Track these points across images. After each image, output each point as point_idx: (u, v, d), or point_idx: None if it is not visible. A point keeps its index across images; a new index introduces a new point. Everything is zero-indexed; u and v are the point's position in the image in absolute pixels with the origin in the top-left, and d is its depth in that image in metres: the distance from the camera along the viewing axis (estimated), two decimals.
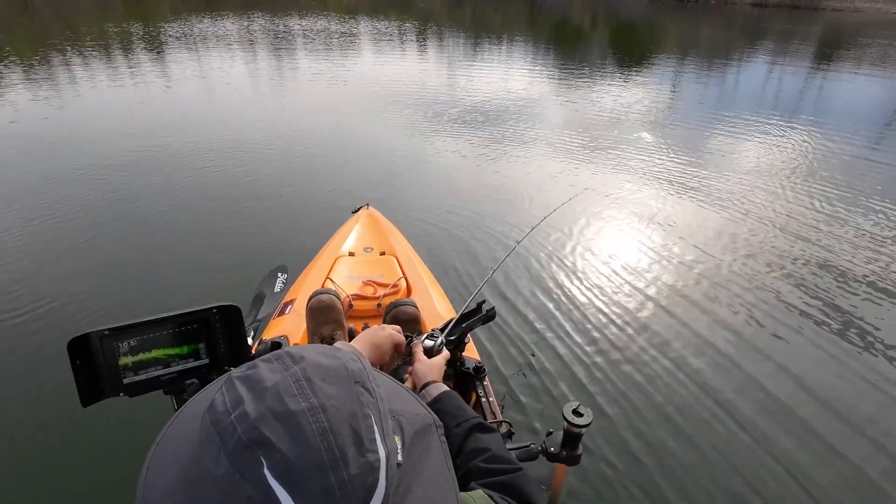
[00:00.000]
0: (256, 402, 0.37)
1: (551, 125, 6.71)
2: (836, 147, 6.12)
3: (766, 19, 27.74)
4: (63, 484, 1.87)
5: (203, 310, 0.84)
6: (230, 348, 0.86)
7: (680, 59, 13.24)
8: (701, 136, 6.48)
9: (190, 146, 5.23)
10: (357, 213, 2.66)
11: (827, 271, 3.45)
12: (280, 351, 0.43)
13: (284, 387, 0.38)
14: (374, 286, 1.91)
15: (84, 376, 0.77)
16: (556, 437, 1.13)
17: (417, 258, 2.30)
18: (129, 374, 0.80)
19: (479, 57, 12.73)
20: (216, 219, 3.80)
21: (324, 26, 16.40)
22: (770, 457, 2.09)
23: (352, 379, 0.41)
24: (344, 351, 0.44)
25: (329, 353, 0.43)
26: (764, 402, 2.37)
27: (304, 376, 0.39)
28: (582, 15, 28.86)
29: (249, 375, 0.40)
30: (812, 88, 10.37)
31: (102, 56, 9.85)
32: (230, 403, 0.37)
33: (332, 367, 0.41)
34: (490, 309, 1.32)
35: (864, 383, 2.49)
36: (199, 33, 13.50)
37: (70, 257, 3.21)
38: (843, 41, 19.06)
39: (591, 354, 2.62)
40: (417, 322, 1.51)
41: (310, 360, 0.41)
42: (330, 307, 1.44)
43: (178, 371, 0.83)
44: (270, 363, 0.41)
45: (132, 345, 0.79)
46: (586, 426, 1.05)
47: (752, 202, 4.48)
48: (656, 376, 2.50)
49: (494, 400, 1.53)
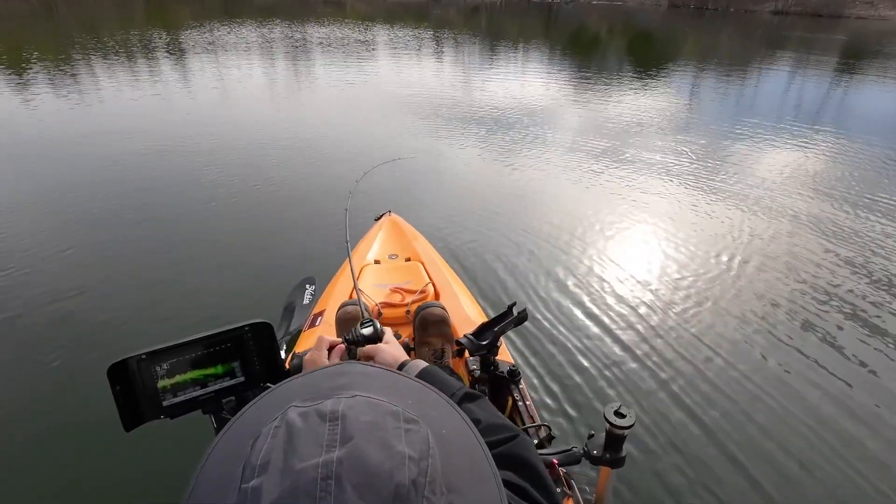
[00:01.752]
0: (276, 482, 0.32)
1: (572, 131, 6.66)
2: (863, 156, 5.99)
3: (787, 27, 27.42)
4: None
5: (235, 328, 0.82)
6: (265, 365, 0.86)
7: (699, 68, 13.09)
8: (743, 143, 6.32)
9: (212, 160, 5.12)
10: (380, 220, 2.65)
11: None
12: (330, 403, 0.37)
13: (307, 481, 0.32)
14: (402, 293, 1.89)
15: (124, 401, 0.77)
16: (597, 440, 1.10)
17: (443, 262, 2.28)
18: (167, 396, 0.80)
19: (497, 64, 12.74)
20: (242, 231, 3.72)
21: (344, 34, 16.58)
22: (824, 463, 1.99)
23: (390, 499, 0.32)
24: (408, 442, 0.35)
25: (386, 441, 0.35)
26: (816, 408, 2.26)
27: (336, 474, 0.32)
28: (599, 24, 28.84)
29: (293, 431, 0.35)
30: (835, 97, 10.16)
31: (125, 63, 10.02)
32: (261, 459, 0.34)
33: (375, 471, 0.33)
34: (522, 311, 1.29)
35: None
36: (219, 41, 13.71)
37: (98, 276, 3.11)
38: (867, 50, 18.71)
39: (628, 355, 2.54)
40: (446, 323, 1.47)
41: (356, 447, 0.34)
42: (356, 318, 1.41)
43: (215, 390, 0.83)
44: (315, 430, 0.35)
45: (169, 367, 0.79)
46: (629, 427, 1.02)
47: (802, 210, 4.33)
48: (699, 375, 2.42)
49: (531, 404, 1.50)
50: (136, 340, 0.64)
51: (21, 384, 2.29)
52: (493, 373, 1.46)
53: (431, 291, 1.94)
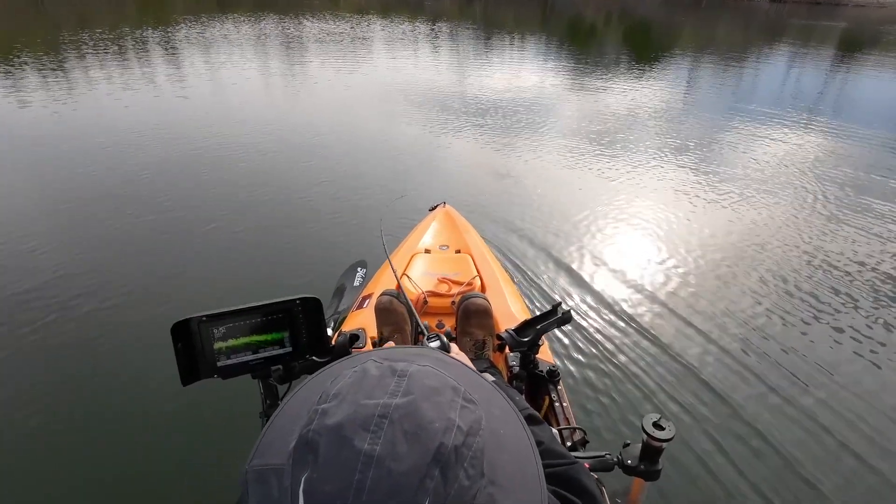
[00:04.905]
0: (342, 409, 0.37)
1: (631, 128, 6.49)
2: (859, 144, 6.00)
3: (785, 16, 27.30)
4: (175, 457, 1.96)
5: (287, 301, 0.88)
6: (311, 338, 0.90)
7: (698, 58, 13.02)
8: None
9: (278, 144, 5.42)
10: (434, 210, 2.68)
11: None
12: (402, 364, 0.41)
13: (366, 415, 0.36)
14: (448, 283, 1.90)
15: (184, 359, 0.83)
16: (633, 450, 1.07)
17: (493, 257, 2.28)
18: (222, 357, 0.86)
19: (552, 60, 12.59)
20: (302, 214, 3.94)
21: (361, 28, 16.37)
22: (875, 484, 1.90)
23: (431, 454, 0.35)
24: (460, 415, 0.38)
25: (441, 406, 0.38)
26: (868, 427, 2.14)
27: (391, 416, 0.36)
28: (595, 14, 28.66)
29: (366, 376, 0.40)
30: (834, 85, 10.13)
31: (151, 55, 9.85)
32: (335, 391, 0.39)
33: (425, 426, 0.36)
34: (566, 312, 1.30)
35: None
36: (241, 33, 13.51)
37: (163, 248, 3.40)
38: (866, 37, 18.66)
39: (675, 365, 2.45)
40: (489, 315, 1.45)
41: (414, 401, 0.37)
42: (389, 310, 1.43)
43: (265, 357, 0.88)
44: (384, 379, 0.39)
45: (225, 331, 0.85)
46: (668, 440, 0.99)
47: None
48: (749, 393, 2.29)
49: (568, 406, 1.49)
50: (194, 307, 0.71)
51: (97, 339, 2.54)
52: (532, 371, 1.45)
53: (478, 284, 1.95)
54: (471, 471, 0.36)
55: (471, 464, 0.36)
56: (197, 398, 2.09)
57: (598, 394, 2.25)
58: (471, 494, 0.35)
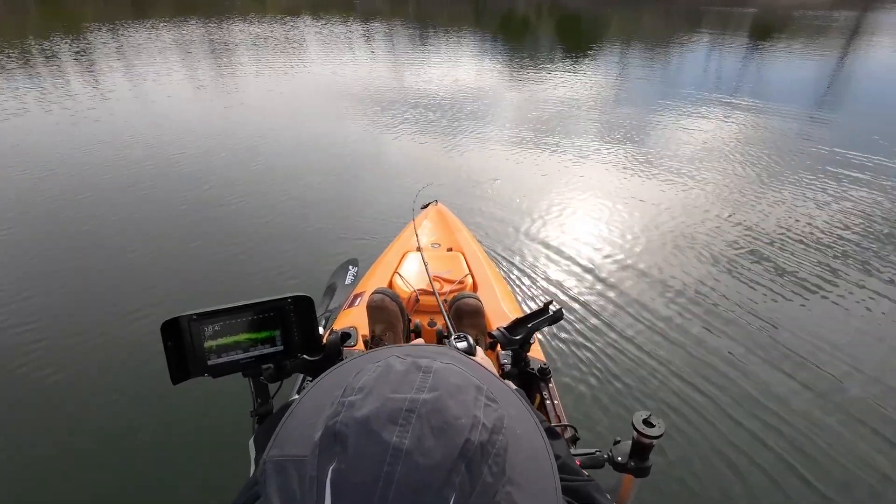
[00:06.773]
0: (369, 402, 0.37)
1: (627, 130, 6.52)
2: (777, 117, 6.53)
3: (702, 1, 28.91)
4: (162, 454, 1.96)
5: (279, 299, 0.87)
6: (303, 336, 0.90)
7: (625, 47, 13.55)
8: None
9: (271, 144, 5.48)
10: (426, 208, 2.68)
11: None
12: (426, 360, 0.41)
13: (394, 408, 0.36)
14: (440, 282, 1.88)
15: (174, 357, 0.82)
16: (623, 447, 1.07)
17: (484, 255, 2.28)
18: (212, 356, 0.85)
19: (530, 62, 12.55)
20: (292, 212, 3.96)
21: (295, 30, 15.78)
22: (869, 479, 1.92)
23: (458, 449, 0.35)
24: (485, 413, 0.38)
25: (466, 403, 0.38)
26: (863, 420, 2.16)
27: (419, 411, 0.36)
28: (527, 6, 29.22)
29: (392, 371, 0.40)
30: (752, 67, 10.84)
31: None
32: (361, 384, 0.39)
33: (452, 422, 0.36)
34: (557, 310, 1.27)
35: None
36: (162, 40, 12.66)
37: (154, 247, 3.42)
38: (776, 23, 20.10)
39: (664, 361, 2.46)
40: (480, 315, 1.44)
41: (440, 397, 0.37)
42: (380, 308, 1.42)
43: (256, 356, 0.88)
44: (410, 375, 0.39)
45: (216, 329, 0.84)
46: (657, 437, 0.99)
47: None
48: (735, 387, 2.31)
49: (560, 403, 1.48)
50: (188, 304, 0.68)
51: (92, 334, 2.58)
52: (523, 368, 1.41)
53: (469, 283, 1.94)
54: (494, 468, 0.36)
55: (494, 461, 0.36)
56: (187, 397, 2.10)
57: (588, 391, 2.24)
58: (493, 491, 0.35)
